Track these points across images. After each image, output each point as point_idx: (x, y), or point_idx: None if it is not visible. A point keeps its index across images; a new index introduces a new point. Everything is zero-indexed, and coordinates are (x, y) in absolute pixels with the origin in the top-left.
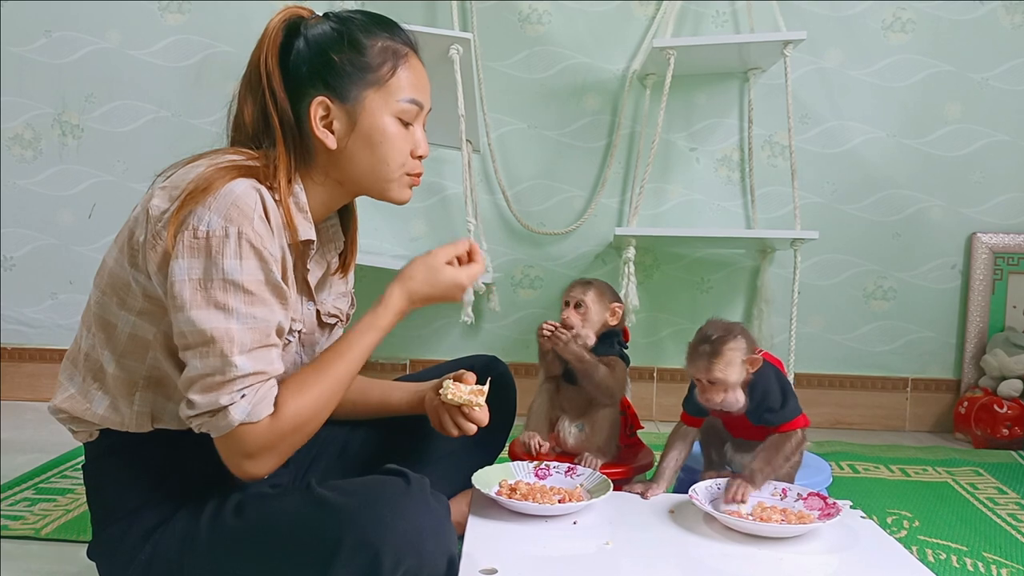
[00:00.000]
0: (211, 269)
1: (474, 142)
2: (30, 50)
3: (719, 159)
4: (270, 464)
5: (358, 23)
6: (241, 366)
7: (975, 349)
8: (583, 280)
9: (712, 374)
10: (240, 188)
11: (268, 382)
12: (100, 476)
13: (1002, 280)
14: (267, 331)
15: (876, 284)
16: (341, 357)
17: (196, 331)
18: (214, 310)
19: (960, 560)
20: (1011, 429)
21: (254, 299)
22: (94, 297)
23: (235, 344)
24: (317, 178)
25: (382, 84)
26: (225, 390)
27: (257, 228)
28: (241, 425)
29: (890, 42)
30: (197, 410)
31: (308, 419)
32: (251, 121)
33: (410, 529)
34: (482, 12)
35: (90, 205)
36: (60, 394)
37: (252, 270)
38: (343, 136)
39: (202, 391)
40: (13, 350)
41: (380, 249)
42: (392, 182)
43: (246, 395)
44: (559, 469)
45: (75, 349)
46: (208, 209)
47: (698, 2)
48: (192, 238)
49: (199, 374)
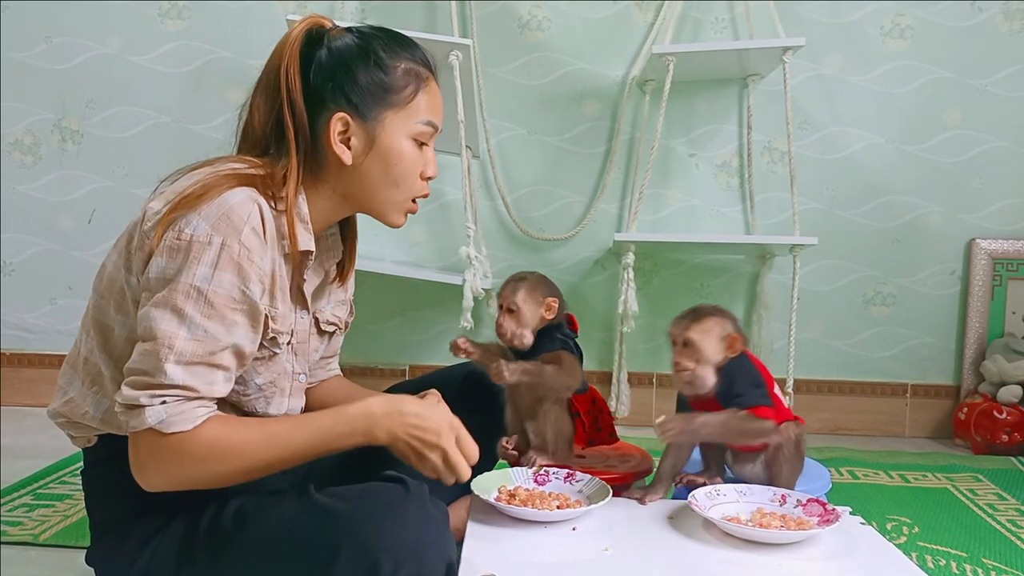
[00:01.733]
0: (182, 272)
1: (474, 148)
2: (30, 56)
3: (718, 165)
4: (161, 482)
5: (383, 42)
6: (171, 375)
7: (975, 355)
8: (514, 278)
9: (687, 334)
10: (236, 198)
11: (195, 401)
12: (99, 482)
13: (1001, 286)
14: (213, 349)
15: (875, 290)
16: (289, 425)
17: (146, 327)
18: (169, 312)
19: (960, 566)
20: (1011, 435)
21: (213, 313)
22: (92, 301)
23: (173, 352)
24: (323, 191)
25: (403, 105)
26: (147, 392)
27: (245, 242)
28: (149, 430)
29: (889, 48)
30: (121, 400)
31: (220, 457)
32: (262, 127)
33: (409, 536)
34: (482, 18)
35: (90, 211)
36: (59, 398)
37: (224, 284)
38: (360, 153)
39: (130, 384)
40: (12, 355)
41: (380, 255)
42: (396, 203)
43: (166, 403)
44: (558, 475)
45: (75, 353)
46: (198, 214)
47: (697, 8)
48: (175, 239)
49: (134, 367)
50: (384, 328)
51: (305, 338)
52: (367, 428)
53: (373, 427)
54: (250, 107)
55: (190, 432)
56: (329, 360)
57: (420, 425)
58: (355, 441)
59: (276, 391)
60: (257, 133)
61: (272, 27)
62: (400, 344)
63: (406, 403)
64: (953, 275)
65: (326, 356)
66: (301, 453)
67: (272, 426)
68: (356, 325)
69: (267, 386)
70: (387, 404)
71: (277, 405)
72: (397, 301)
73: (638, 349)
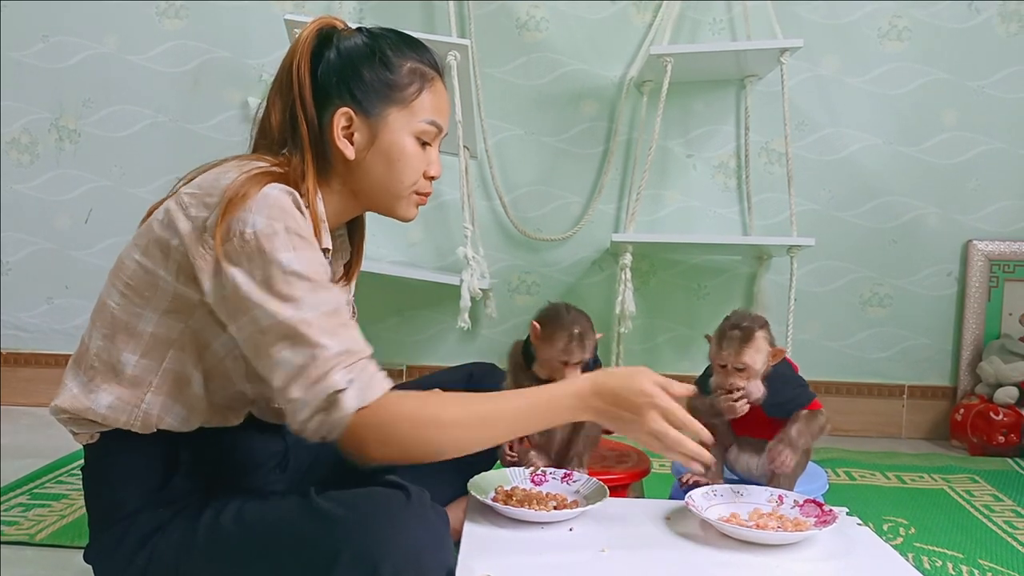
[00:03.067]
0: (269, 266)
1: (471, 148)
2: (27, 55)
3: (716, 166)
4: (383, 455)
5: (390, 41)
6: (329, 345)
7: (971, 356)
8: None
9: (741, 359)
10: (275, 192)
11: (368, 361)
12: (99, 479)
13: (998, 287)
14: (338, 309)
15: (872, 291)
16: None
17: (274, 324)
18: (281, 304)
19: (956, 567)
20: (1007, 436)
21: (315, 286)
22: (111, 297)
23: (314, 327)
24: (335, 187)
25: (407, 104)
26: (322, 379)
27: (300, 222)
28: (359, 411)
29: (886, 50)
30: (307, 410)
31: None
32: (278, 125)
33: (408, 543)
34: (480, 19)
35: (87, 210)
36: (63, 394)
37: (307, 259)
38: (362, 148)
39: (305, 386)
40: (9, 355)
41: (377, 255)
42: (402, 199)
43: (352, 379)
44: (555, 475)
45: (82, 349)
46: (250, 212)
47: (695, 9)
48: (242, 242)
49: (293, 369)
50: (381, 328)
51: None
52: (574, 406)
53: (581, 406)
54: (267, 105)
55: (391, 396)
56: None
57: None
58: (563, 419)
59: None
60: (273, 130)
61: (270, 27)
62: (397, 344)
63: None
64: (950, 276)
65: None
66: (508, 428)
67: (476, 399)
68: None
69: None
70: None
71: None
72: (394, 301)
73: (635, 350)
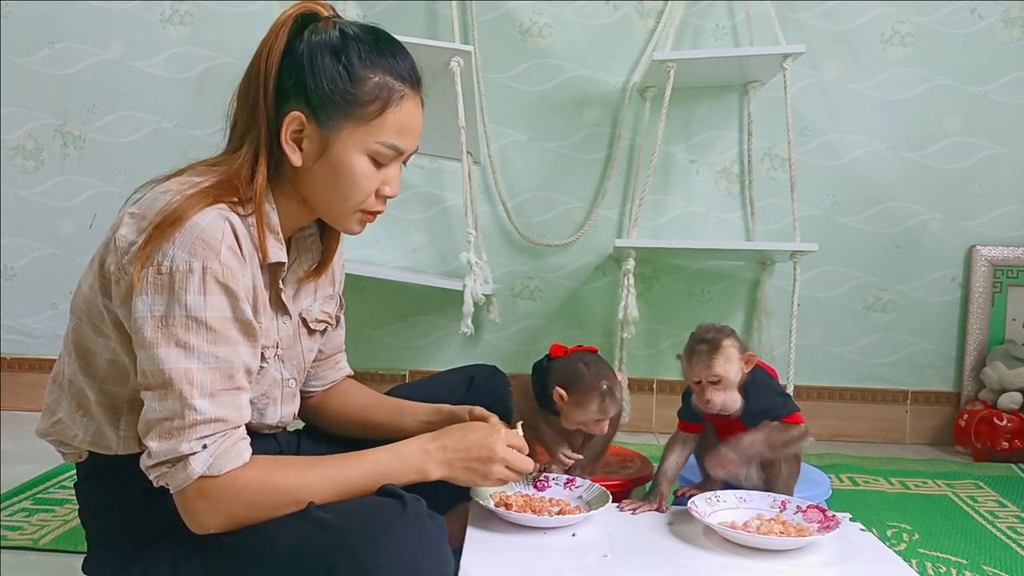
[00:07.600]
0: (173, 305)
1: (474, 153)
2: (32, 61)
3: (719, 171)
4: (216, 524)
5: (364, 49)
6: (201, 410)
7: (975, 362)
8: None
9: (713, 370)
10: (206, 219)
11: (234, 433)
12: (92, 495)
13: (1002, 293)
14: (230, 372)
15: (876, 296)
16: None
17: (155, 371)
18: (174, 348)
19: (960, 573)
20: (1011, 442)
21: (217, 337)
22: (72, 323)
23: (195, 386)
24: (287, 190)
25: (365, 121)
26: (182, 438)
27: (225, 260)
28: (201, 478)
29: (889, 55)
30: (155, 459)
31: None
32: (241, 116)
33: (405, 554)
34: (483, 25)
35: (91, 216)
36: (46, 418)
37: (217, 306)
38: (311, 158)
39: (160, 437)
40: (13, 360)
41: (381, 260)
42: (346, 216)
43: (207, 445)
44: (558, 480)
45: (59, 372)
46: (173, 244)
47: (698, 15)
48: (156, 274)
49: (157, 417)
50: (384, 333)
51: (291, 343)
52: (420, 466)
53: (427, 463)
54: (238, 94)
55: (242, 470)
56: (335, 358)
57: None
58: (410, 479)
59: (268, 401)
60: (236, 121)
61: None
62: (400, 349)
63: (449, 435)
64: (953, 282)
65: (329, 354)
66: (358, 488)
67: (329, 462)
68: (356, 330)
69: (259, 399)
70: (434, 440)
71: (271, 415)
72: (397, 306)
73: (638, 355)
